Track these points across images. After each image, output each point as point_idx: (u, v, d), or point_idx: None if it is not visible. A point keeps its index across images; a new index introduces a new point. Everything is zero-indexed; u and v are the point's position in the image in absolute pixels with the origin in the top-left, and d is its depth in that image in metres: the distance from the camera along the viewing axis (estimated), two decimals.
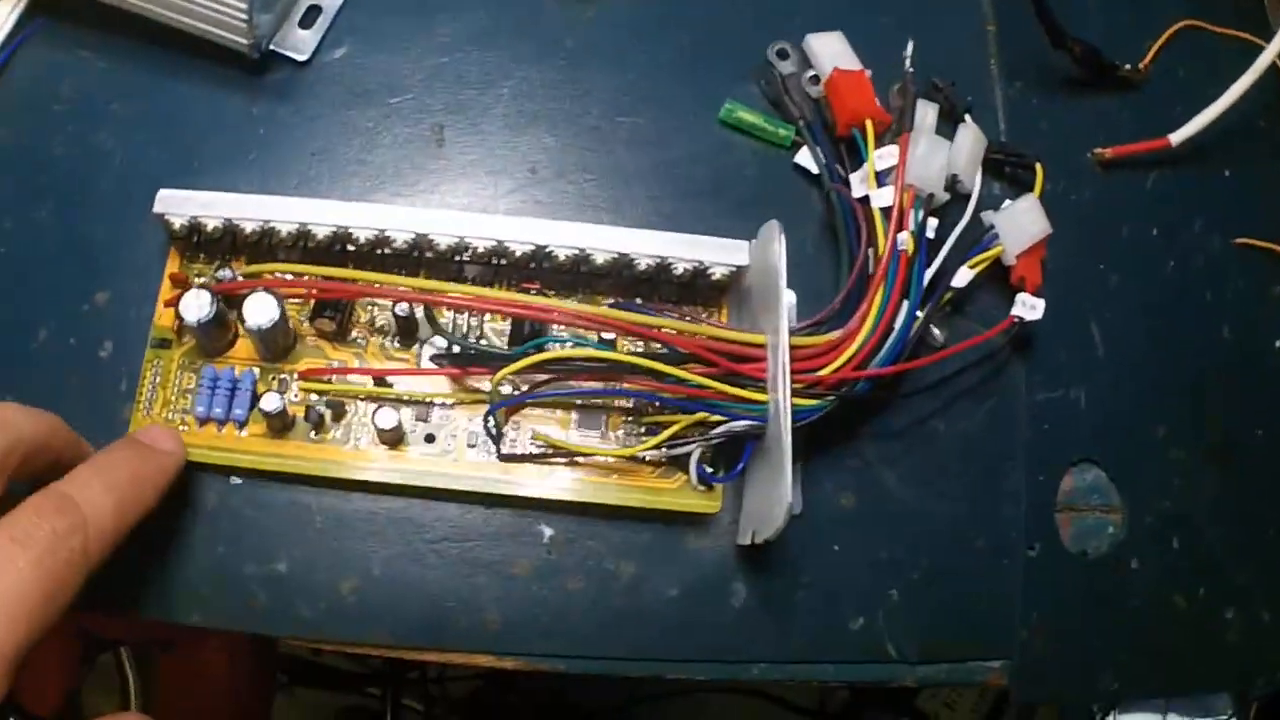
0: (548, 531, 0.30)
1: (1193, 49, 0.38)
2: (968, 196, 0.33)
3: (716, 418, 0.29)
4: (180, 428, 0.30)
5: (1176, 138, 0.36)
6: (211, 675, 0.47)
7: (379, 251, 0.31)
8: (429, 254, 0.30)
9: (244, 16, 0.31)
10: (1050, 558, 0.32)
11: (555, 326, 0.30)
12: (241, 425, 0.30)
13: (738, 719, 0.61)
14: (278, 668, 0.57)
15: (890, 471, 0.32)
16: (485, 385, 0.30)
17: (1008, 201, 0.33)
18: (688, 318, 0.30)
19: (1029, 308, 0.32)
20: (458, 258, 0.31)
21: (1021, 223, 0.32)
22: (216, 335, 0.30)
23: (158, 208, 0.30)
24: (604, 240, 0.29)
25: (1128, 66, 0.37)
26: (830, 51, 0.33)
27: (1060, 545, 0.33)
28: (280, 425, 0.29)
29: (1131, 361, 0.34)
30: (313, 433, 0.30)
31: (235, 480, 0.30)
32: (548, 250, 0.30)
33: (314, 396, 0.30)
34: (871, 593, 0.31)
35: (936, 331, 0.32)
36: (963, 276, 0.32)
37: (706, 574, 0.31)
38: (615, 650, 0.30)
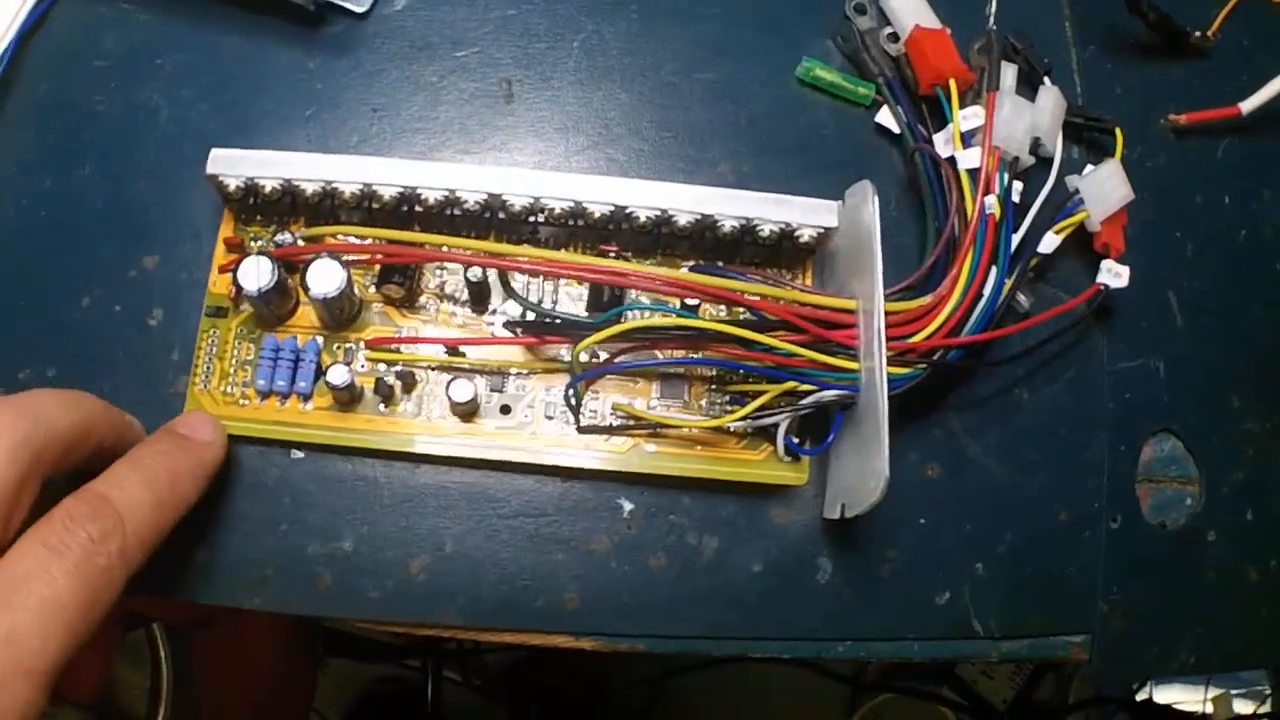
0: (627, 506, 0.27)
1: (1256, 19, 0.35)
2: (1048, 161, 0.30)
3: (806, 387, 0.26)
4: (240, 402, 0.26)
5: (1247, 106, 0.33)
6: (254, 654, 0.44)
7: (448, 212, 0.27)
8: (501, 215, 0.27)
9: None
10: (1130, 530, 0.30)
11: (635, 292, 0.26)
12: (306, 399, 0.26)
13: (774, 686, 0.58)
14: (320, 642, 0.54)
15: (975, 442, 0.29)
16: (563, 352, 0.26)
17: (1089, 166, 0.30)
18: (772, 282, 0.27)
19: (1114, 275, 0.29)
20: (532, 219, 0.27)
21: (1106, 188, 0.29)
22: (277, 304, 0.26)
23: (211, 168, 0.26)
24: (688, 200, 0.26)
25: (1197, 34, 0.34)
26: (909, 9, 0.30)
27: (1140, 517, 0.30)
28: (348, 398, 0.26)
29: (1207, 331, 0.32)
30: (382, 405, 0.26)
31: (297, 454, 0.27)
32: (628, 211, 0.26)
33: (382, 366, 0.26)
34: (957, 567, 0.28)
35: (1023, 298, 0.29)
36: (1049, 242, 0.29)
37: (791, 549, 0.27)
38: (697, 629, 0.27)
